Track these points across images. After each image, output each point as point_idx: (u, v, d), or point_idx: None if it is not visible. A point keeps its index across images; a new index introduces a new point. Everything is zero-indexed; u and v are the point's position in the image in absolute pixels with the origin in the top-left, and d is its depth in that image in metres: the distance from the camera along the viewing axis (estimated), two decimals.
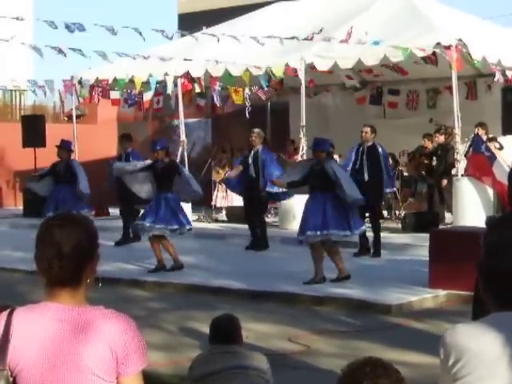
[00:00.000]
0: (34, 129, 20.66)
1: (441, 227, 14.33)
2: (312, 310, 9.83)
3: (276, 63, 16.82)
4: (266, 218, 15.86)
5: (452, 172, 15.82)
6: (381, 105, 19.95)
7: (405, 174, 17.84)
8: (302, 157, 16.32)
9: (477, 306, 6.39)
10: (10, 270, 12.61)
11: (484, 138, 15.36)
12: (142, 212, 12.63)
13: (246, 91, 17.94)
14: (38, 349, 2.65)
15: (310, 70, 16.80)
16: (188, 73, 18.01)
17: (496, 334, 2.70)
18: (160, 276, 11.83)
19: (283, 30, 16.66)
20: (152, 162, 12.60)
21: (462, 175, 15.04)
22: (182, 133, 18.37)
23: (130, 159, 15.10)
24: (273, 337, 8.51)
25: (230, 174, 15.57)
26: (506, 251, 2.74)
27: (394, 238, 14.68)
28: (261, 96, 18.15)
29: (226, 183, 16.16)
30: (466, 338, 2.73)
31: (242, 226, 15.36)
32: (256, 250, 14.24)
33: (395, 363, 2.69)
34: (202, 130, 23.65)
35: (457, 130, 15.12)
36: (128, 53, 16.01)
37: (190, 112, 20.79)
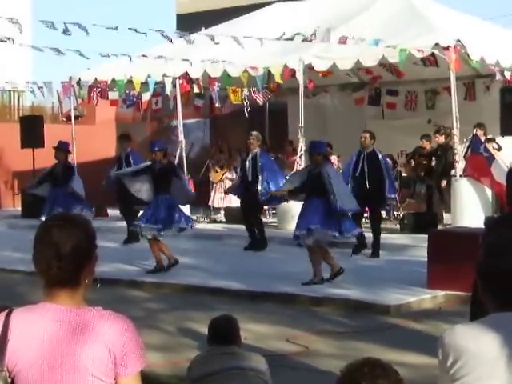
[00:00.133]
0: (32, 129, 20.64)
1: (439, 228, 14.34)
2: (310, 310, 9.82)
3: (274, 64, 16.82)
4: (264, 219, 15.85)
5: (451, 172, 15.82)
6: (379, 105, 19.96)
7: (403, 174, 17.84)
8: (300, 157, 16.32)
9: (475, 306, 6.37)
10: (9, 270, 12.59)
11: (482, 138, 15.35)
12: (141, 213, 12.64)
13: (245, 92, 17.94)
14: (37, 349, 2.65)
15: (309, 70, 16.79)
16: (186, 73, 18.01)
17: (495, 335, 2.69)
18: (158, 277, 11.82)
19: (283, 30, 16.65)
20: (150, 163, 12.61)
21: (460, 176, 15.05)
22: (181, 133, 18.38)
23: (130, 159, 15.13)
24: (271, 337, 8.50)
25: (228, 189, 15.94)
26: (505, 252, 2.73)
27: (392, 238, 14.66)
28: (258, 99, 18.12)
29: (227, 192, 16.45)
30: (465, 338, 2.72)
31: (240, 226, 15.35)
32: (255, 250, 14.24)
33: (394, 364, 2.70)
34: (200, 131, 23.65)
35: (455, 131, 15.12)
36: (126, 53, 16.03)
37: (189, 113, 20.79)
